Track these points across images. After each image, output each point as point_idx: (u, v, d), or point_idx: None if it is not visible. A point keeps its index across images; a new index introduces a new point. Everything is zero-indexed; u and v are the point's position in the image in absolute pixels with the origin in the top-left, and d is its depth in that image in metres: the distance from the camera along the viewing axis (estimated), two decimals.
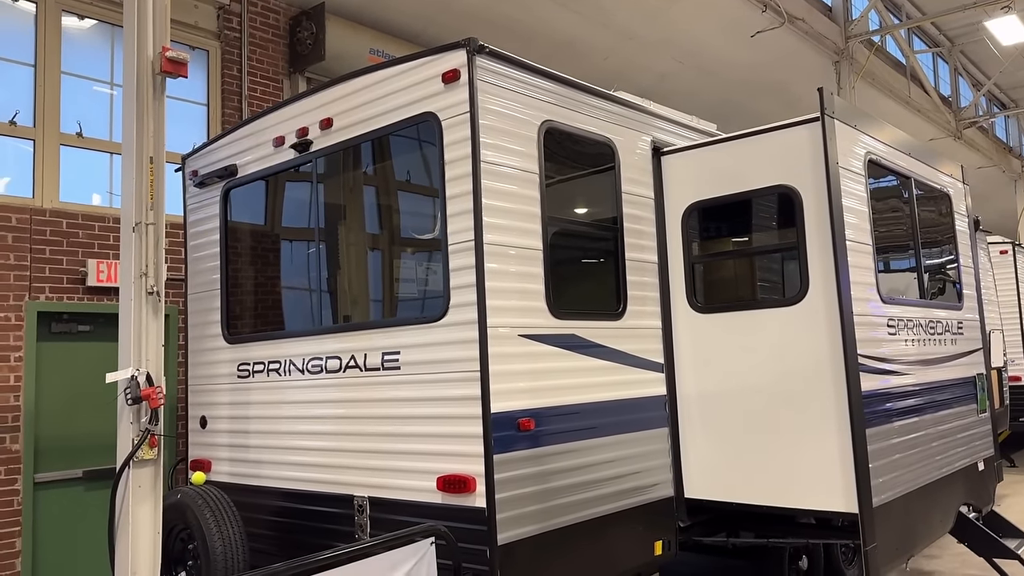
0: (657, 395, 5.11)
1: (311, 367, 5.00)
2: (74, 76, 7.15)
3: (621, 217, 5.06)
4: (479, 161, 4.17)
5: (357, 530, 4.62)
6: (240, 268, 5.70)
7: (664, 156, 5.43)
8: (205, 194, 5.93)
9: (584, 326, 4.66)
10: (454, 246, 4.24)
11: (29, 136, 6.82)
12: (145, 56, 4.68)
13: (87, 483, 6.81)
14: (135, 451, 4.44)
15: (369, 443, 4.62)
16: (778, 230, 5.15)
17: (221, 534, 4.69)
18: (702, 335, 5.18)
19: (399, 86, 4.57)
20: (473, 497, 4.05)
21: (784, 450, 4.84)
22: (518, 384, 4.22)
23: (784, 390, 4.84)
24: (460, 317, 4.19)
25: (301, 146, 5.12)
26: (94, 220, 6.95)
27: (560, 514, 4.34)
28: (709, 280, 5.37)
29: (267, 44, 8.55)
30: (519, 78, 4.48)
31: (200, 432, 5.81)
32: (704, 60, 12.59)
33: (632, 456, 4.84)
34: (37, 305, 6.56)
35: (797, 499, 4.82)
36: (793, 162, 4.87)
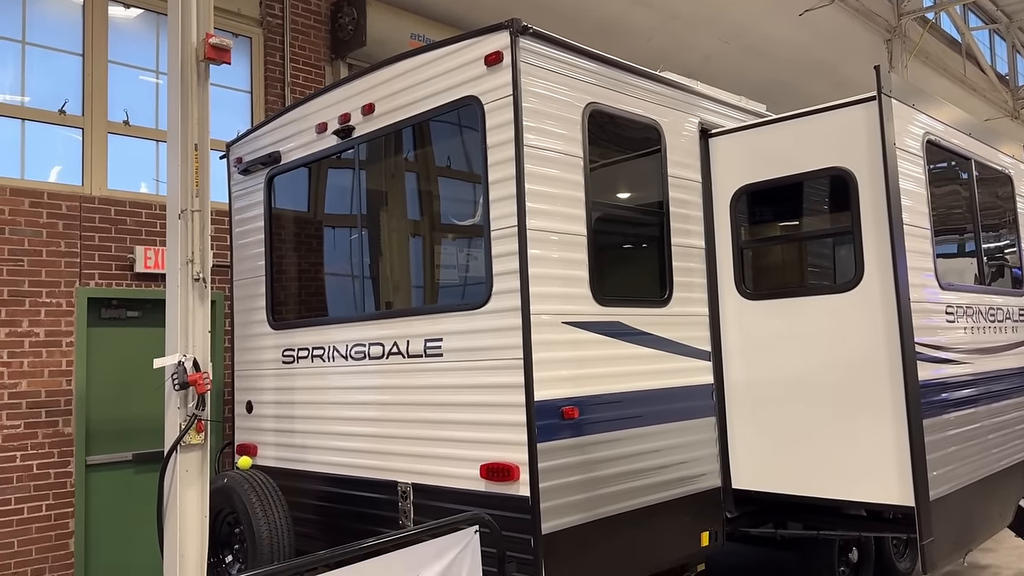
0: (704, 384, 5.01)
1: (354, 353, 5.00)
2: (121, 65, 7.23)
3: (667, 201, 4.94)
4: (522, 145, 4.10)
5: (401, 516, 4.62)
6: (284, 255, 5.72)
7: (712, 138, 5.28)
8: (249, 181, 5.96)
9: (629, 313, 4.57)
10: (497, 232, 4.18)
11: (78, 125, 6.92)
12: (189, 43, 4.69)
13: (136, 466, 6.95)
14: (182, 436, 4.49)
15: (412, 429, 4.60)
16: (831, 214, 4.99)
17: (267, 518, 4.73)
18: (751, 322, 5.05)
19: (441, 70, 4.51)
20: (517, 485, 4.01)
21: (836, 441, 4.71)
22: (562, 372, 4.16)
23: (837, 379, 4.70)
24: (503, 304, 4.13)
25: (343, 132, 5.10)
26: (141, 207, 7.05)
27: (605, 504, 4.28)
28: (758, 266, 5.23)
29: (309, 30, 8.55)
30: (563, 59, 4.39)
31: (246, 417, 5.87)
32: (751, 39, 12.29)
33: (678, 445, 4.75)
34: (87, 291, 6.68)
35: (849, 491, 4.68)
36: (848, 143, 4.70)
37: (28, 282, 6.38)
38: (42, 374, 6.39)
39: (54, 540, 6.36)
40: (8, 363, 6.22)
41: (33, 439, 6.31)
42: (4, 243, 6.26)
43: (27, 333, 6.34)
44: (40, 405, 6.37)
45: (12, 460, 6.19)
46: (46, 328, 6.44)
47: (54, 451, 6.42)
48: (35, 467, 6.31)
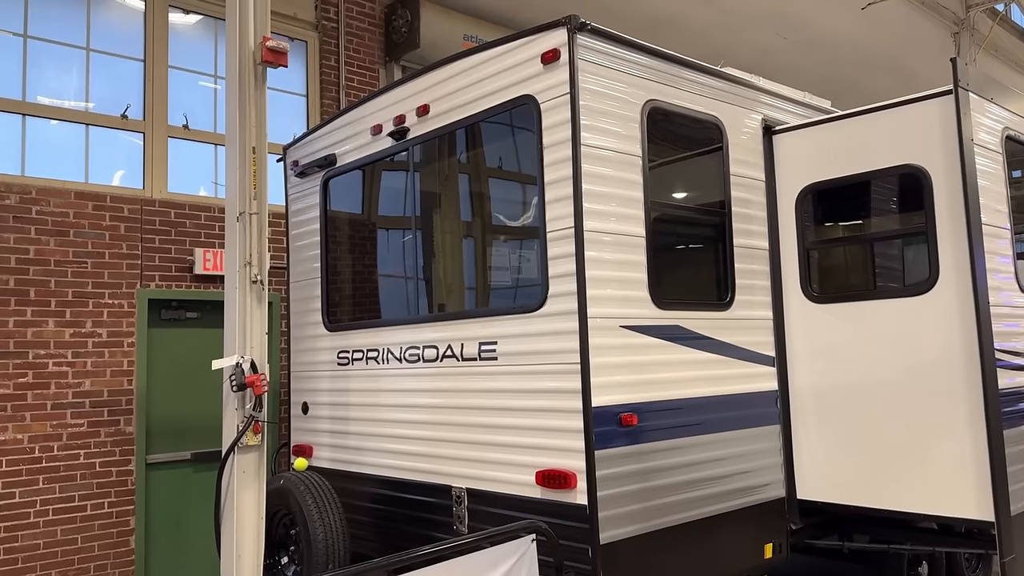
0: (768, 390, 4.84)
1: (408, 355, 4.96)
2: (180, 70, 7.35)
3: (729, 201, 4.79)
4: (579, 144, 4.00)
5: (455, 521, 4.56)
6: (339, 257, 5.73)
7: (776, 135, 5.11)
8: (305, 183, 5.98)
9: (689, 317, 4.44)
10: (553, 233, 4.09)
11: (139, 129, 7.06)
12: (247, 47, 4.72)
13: (195, 464, 7.04)
14: (240, 437, 4.51)
15: (467, 434, 4.54)
16: (902, 214, 4.77)
17: (323, 521, 4.72)
18: (817, 326, 4.86)
19: (496, 69, 4.44)
20: (574, 493, 3.91)
21: (908, 451, 4.49)
22: (619, 377, 4.05)
23: (909, 386, 4.48)
24: (559, 307, 4.04)
25: (398, 134, 5.07)
26: (200, 210, 7.15)
27: (664, 514, 4.15)
28: (825, 268, 5.03)
29: (363, 33, 8.59)
30: (621, 56, 4.28)
31: (302, 418, 5.89)
32: (810, 34, 11.95)
33: (741, 454, 4.60)
34: (148, 293, 6.80)
35: (923, 504, 4.46)
36: (921, 139, 4.48)
37: (91, 284, 6.52)
38: (104, 374, 6.53)
39: (115, 537, 6.49)
40: (72, 363, 6.37)
41: (96, 438, 6.45)
42: (69, 245, 6.41)
43: (90, 334, 6.48)
44: (103, 404, 6.50)
45: (76, 458, 6.33)
46: (108, 329, 6.57)
47: (116, 450, 6.54)
48: (98, 465, 6.45)
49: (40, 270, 6.27)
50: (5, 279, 6.11)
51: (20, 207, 6.21)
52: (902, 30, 12.49)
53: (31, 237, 6.25)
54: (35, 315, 6.24)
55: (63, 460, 6.28)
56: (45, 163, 6.55)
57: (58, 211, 6.39)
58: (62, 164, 6.65)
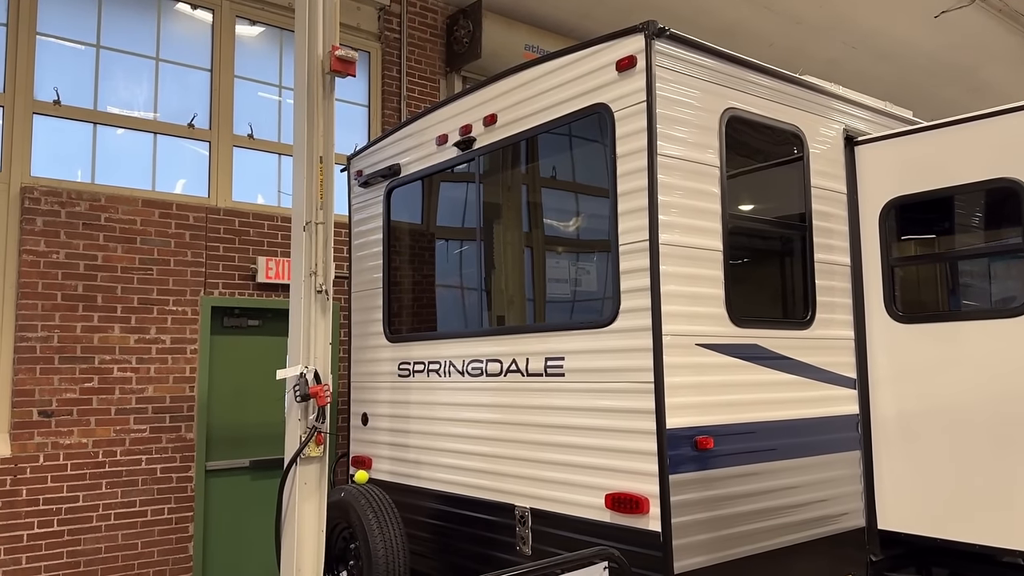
0: (849, 414, 4.60)
1: (471, 369, 4.85)
2: (246, 80, 7.42)
3: (810, 214, 4.58)
4: (655, 154, 3.85)
5: (518, 542, 4.42)
6: (402, 267, 5.66)
7: (858, 146, 4.88)
8: (369, 194, 5.94)
9: (767, 335, 4.24)
10: (626, 247, 3.94)
11: (205, 138, 7.13)
12: (315, 56, 4.70)
13: (253, 472, 7.05)
14: (302, 448, 4.45)
15: (531, 451, 4.41)
16: (996, 230, 4.49)
17: (383, 535, 4.63)
18: (902, 348, 4.60)
19: (568, 77, 4.32)
20: (646, 519, 3.74)
21: (1000, 482, 4.21)
22: (695, 398, 3.87)
23: (1005, 413, 4.20)
24: (632, 323, 3.88)
25: (464, 144, 4.99)
26: (263, 219, 7.18)
27: (739, 544, 3.95)
28: (911, 286, 4.77)
29: (425, 44, 8.58)
30: (699, 63, 4.12)
31: (362, 429, 5.83)
32: (879, 43, 11.59)
33: (819, 481, 4.36)
34: (211, 300, 6.84)
35: (1016, 540, 4.17)
36: (1017, 152, 4.21)
37: (156, 290, 6.58)
38: (167, 380, 6.58)
39: (175, 543, 6.51)
40: (136, 368, 6.43)
41: (157, 443, 6.49)
42: (136, 252, 6.49)
43: (154, 340, 6.54)
44: (165, 411, 6.55)
45: (138, 464, 6.38)
46: (172, 335, 6.63)
47: (176, 456, 6.58)
48: (159, 471, 6.48)
49: (107, 276, 6.35)
50: (74, 284, 6.20)
51: (89, 214, 6.31)
52: (977, 39, 12.03)
53: (99, 243, 6.34)
54: (101, 320, 6.32)
55: (125, 465, 6.33)
56: (114, 171, 6.66)
57: (126, 218, 6.47)
58: (130, 172, 6.74)
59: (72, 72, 6.55)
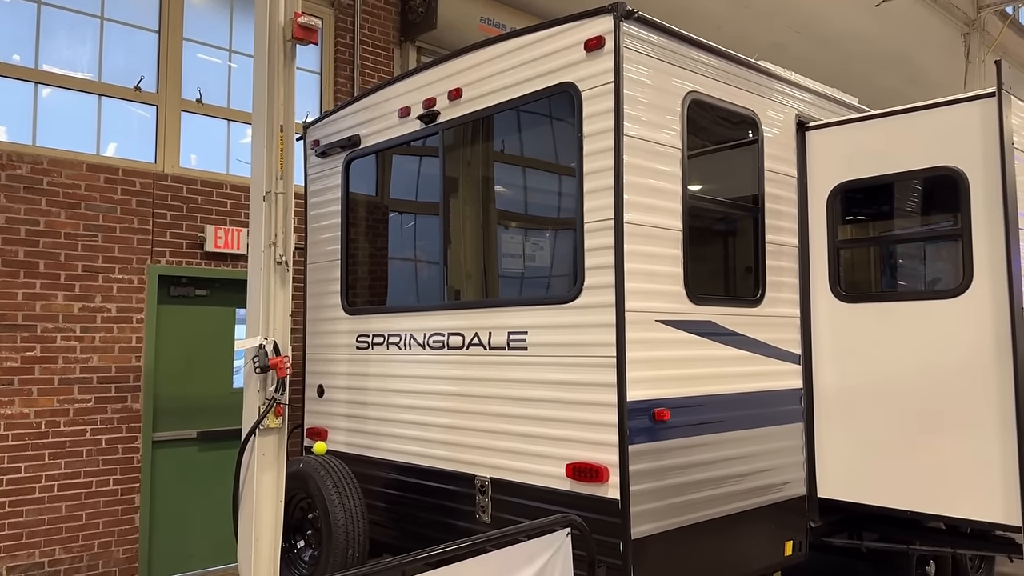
0: (793, 388, 4.82)
1: (432, 342, 4.91)
2: (195, 43, 7.21)
3: (762, 196, 4.75)
4: (622, 135, 3.94)
5: (477, 510, 4.53)
6: (361, 240, 5.64)
7: (809, 132, 5.06)
8: (327, 164, 5.89)
9: (721, 312, 4.41)
10: (591, 225, 4.03)
11: (152, 102, 6.92)
12: (277, 23, 4.62)
13: (200, 443, 6.98)
14: (261, 419, 4.44)
15: (492, 423, 4.50)
16: (937, 216, 4.74)
17: (343, 505, 4.68)
18: (845, 326, 4.84)
19: (535, 55, 4.36)
20: (605, 487, 3.88)
21: (932, 453, 4.50)
22: (654, 372, 4.02)
23: (938, 389, 4.48)
24: (595, 299, 3.99)
25: (428, 117, 4.98)
26: (212, 186, 7.04)
27: (692, 510, 4.13)
28: (855, 267, 5.01)
29: (379, 12, 8.46)
30: (665, 46, 4.21)
31: (317, 401, 5.83)
32: (822, 30, 11.90)
33: (766, 452, 4.59)
34: (158, 269, 6.69)
35: (945, 506, 4.47)
36: (960, 141, 4.45)
37: (102, 258, 6.41)
38: (113, 350, 6.43)
39: (120, 515, 6.42)
40: (81, 337, 6.27)
41: (103, 414, 6.36)
42: (80, 218, 6.29)
43: (99, 308, 6.38)
44: (110, 380, 6.41)
45: (82, 434, 6.25)
46: (118, 304, 6.47)
47: (122, 426, 6.46)
48: (104, 442, 6.36)
49: (50, 242, 6.15)
50: (14, 250, 5.99)
51: (31, 177, 6.08)
52: (914, 29, 12.46)
53: (42, 208, 6.13)
54: (44, 288, 6.12)
55: (69, 436, 6.19)
56: (56, 133, 6.41)
57: (69, 183, 6.26)
58: (73, 135, 6.51)
59: (12, 29, 6.26)
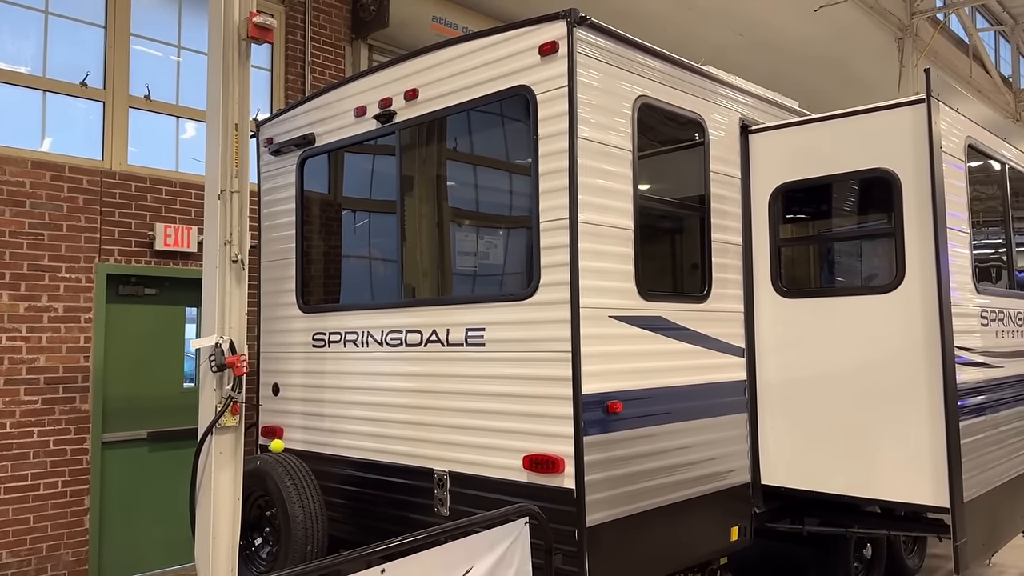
0: (738, 380, 5.03)
1: (390, 339, 4.98)
2: (143, 39, 7.11)
3: (708, 197, 4.94)
4: (576, 137, 4.07)
5: (436, 503, 4.62)
6: (316, 238, 5.67)
7: (752, 134, 5.28)
8: (280, 162, 5.89)
9: (670, 308, 4.58)
10: (546, 224, 4.16)
11: (99, 98, 6.82)
12: (232, 21, 4.62)
13: (151, 444, 6.91)
14: (218, 418, 4.46)
15: (450, 418, 4.60)
16: (871, 215, 5.00)
17: (302, 502, 4.72)
18: (786, 321, 5.07)
19: (491, 58, 4.46)
20: (561, 478, 4.02)
21: (869, 440, 4.75)
22: (607, 366, 4.16)
23: (872, 380, 4.73)
24: (551, 296, 4.12)
25: (384, 117, 5.05)
26: (162, 184, 6.96)
27: (644, 498, 4.30)
28: (795, 265, 5.24)
29: (330, 9, 8.45)
30: (616, 51, 4.35)
31: (272, 399, 5.83)
32: (764, 33, 12.26)
33: (713, 441, 4.78)
34: (106, 267, 6.60)
35: (881, 491, 4.73)
36: (893, 145, 4.70)
37: (48, 256, 6.30)
38: (60, 350, 6.33)
39: (69, 517, 6.32)
40: (27, 337, 6.15)
41: (50, 415, 6.26)
42: (25, 216, 6.18)
43: (46, 308, 6.27)
44: (58, 381, 6.31)
45: (29, 436, 6.14)
46: (65, 304, 6.37)
47: (71, 428, 6.36)
48: (52, 443, 6.26)
49: None
50: None
51: None
52: (851, 33, 12.92)
53: None
54: None
55: (16, 438, 6.07)
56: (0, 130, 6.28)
57: (14, 180, 6.14)
58: (17, 132, 6.37)
59: None
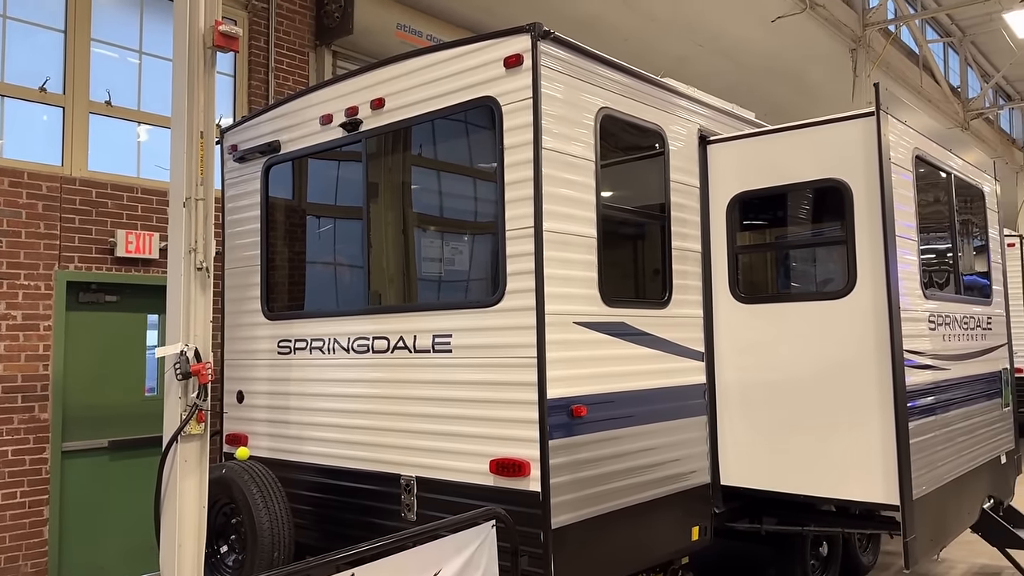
0: (697, 383, 5.17)
1: (356, 346, 5.01)
2: (104, 44, 7.05)
3: (669, 205, 5.07)
4: (540, 148, 4.16)
5: (403, 509, 4.67)
6: (281, 245, 5.68)
7: (710, 145, 5.43)
8: (245, 169, 5.89)
9: (632, 314, 4.69)
10: (512, 232, 4.24)
11: (59, 103, 6.74)
12: (197, 29, 4.63)
13: (112, 453, 6.83)
14: (183, 426, 4.45)
15: (418, 424, 4.65)
16: (824, 224, 5.18)
17: (268, 509, 4.73)
18: (743, 325, 5.22)
19: (457, 69, 4.54)
20: (527, 481, 4.10)
21: (824, 441, 4.91)
22: (572, 371, 4.26)
23: (826, 383, 4.90)
24: (517, 303, 4.20)
25: (350, 125, 5.09)
26: (123, 190, 6.90)
27: (608, 499, 4.40)
28: (752, 271, 5.40)
29: (294, 15, 8.45)
30: (579, 64, 4.46)
31: (237, 407, 5.82)
32: (723, 44, 12.54)
33: (674, 443, 4.90)
34: (66, 275, 6.53)
35: (836, 489, 4.89)
36: (845, 156, 4.89)
37: (6, 264, 6.21)
38: (19, 358, 6.24)
39: (28, 528, 6.23)
40: None
41: (8, 424, 6.16)
42: None
43: (4, 316, 6.18)
44: (16, 390, 6.22)
45: None
46: (23, 311, 6.28)
47: (29, 437, 6.27)
48: (10, 453, 6.16)
49: None
50: None
51: None
52: (806, 44, 13.27)
53: None
54: None
55: None
56: None
57: None
58: None
59: None
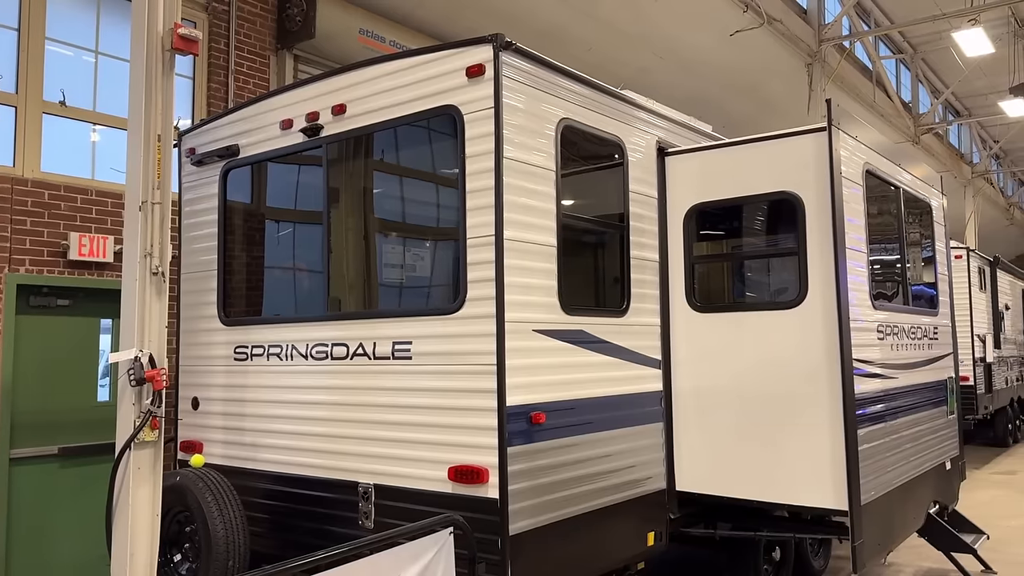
0: (654, 391, 5.24)
1: (315, 353, 4.99)
2: (58, 42, 6.92)
3: (627, 215, 5.15)
4: (502, 157, 4.20)
5: (360, 516, 4.65)
6: (239, 250, 5.63)
7: (668, 157, 5.53)
8: (203, 173, 5.83)
9: (591, 322, 4.75)
10: (473, 240, 4.27)
11: (11, 103, 6.60)
12: (155, 32, 4.58)
13: (62, 460, 6.68)
14: (137, 433, 4.38)
15: (376, 431, 4.64)
16: (778, 235, 5.30)
17: (223, 517, 4.67)
18: (699, 334, 5.32)
19: (419, 77, 4.56)
20: (486, 488, 4.12)
21: (776, 448, 5.02)
22: (531, 378, 4.30)
23: (778, 391, 5.01)
24: (477, 311, 4.23)
25: (311, 131, 5.07)
26: (76, 192, 6.77)
27: (565, 505, 4.44)
28: (708, 281, 5.50)
29: (255, 18, 8.39)
30: (540, 75, 4.52)
31: (192, 413, 5.75)
32: (683, 56, 12.75)
33: (631, 450, 4.97)
34: (16, 278, 6.38)
35: (787, 495, 5.00)
36: (798, 169, 5.01)
37: None
38: None
39: None
40: None
41: None
42: None
43: None
44: None
45: None
46: None
47: None
48: None
49: None
50: None
51: None
52: (763, 58, 13.56)
53: None
54: None
55: None
56: None
57: None
58: None
59: None
